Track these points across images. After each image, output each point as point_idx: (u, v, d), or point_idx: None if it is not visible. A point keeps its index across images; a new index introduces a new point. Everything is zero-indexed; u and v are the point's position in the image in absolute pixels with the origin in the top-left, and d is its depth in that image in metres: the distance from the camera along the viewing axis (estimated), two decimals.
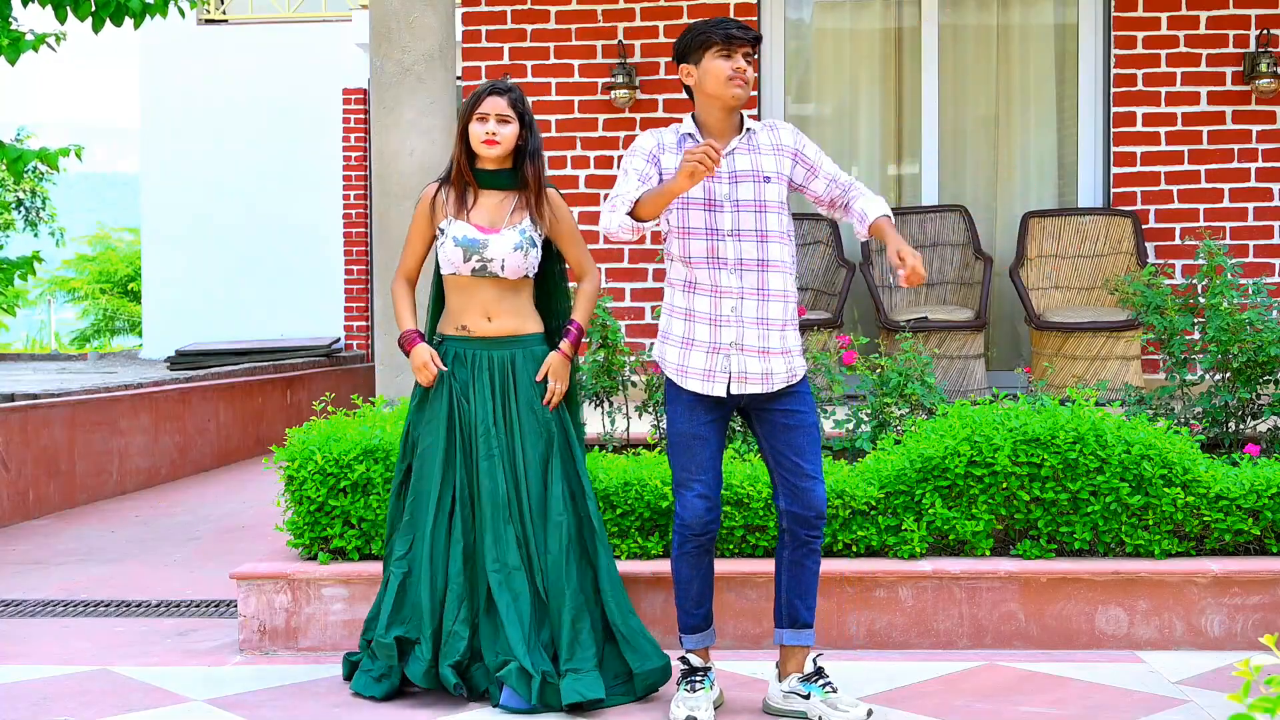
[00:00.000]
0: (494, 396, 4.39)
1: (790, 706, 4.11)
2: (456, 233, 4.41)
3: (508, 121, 4.40)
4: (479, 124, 4.39)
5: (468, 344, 4.44)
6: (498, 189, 4.47)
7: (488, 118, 4.39)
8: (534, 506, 4.34)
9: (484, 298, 4.42)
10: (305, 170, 13.45)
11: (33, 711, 4.27)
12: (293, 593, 4.92)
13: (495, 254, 4.38)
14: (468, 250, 4.38)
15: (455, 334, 4.46)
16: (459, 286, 4.45)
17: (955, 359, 7.28)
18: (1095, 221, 7.85)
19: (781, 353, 4.06)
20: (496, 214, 4.44)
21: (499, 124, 4.39)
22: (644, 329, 7.90)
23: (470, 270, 4.39)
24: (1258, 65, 7.67)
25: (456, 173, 4.47)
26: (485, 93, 4.42)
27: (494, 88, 4.44)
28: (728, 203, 4.04)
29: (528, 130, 4.44)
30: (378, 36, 6.10)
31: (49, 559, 6.68)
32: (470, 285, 4.42)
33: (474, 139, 4.40)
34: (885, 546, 4.95)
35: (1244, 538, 4.95)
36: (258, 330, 13.44)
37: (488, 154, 4.41)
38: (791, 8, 8.29)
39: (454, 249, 4.39)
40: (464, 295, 4.44)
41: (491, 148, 4.39)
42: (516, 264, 4.39)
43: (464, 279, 4.42)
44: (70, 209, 23.26)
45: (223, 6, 13.97)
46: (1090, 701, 4.24)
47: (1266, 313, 5.69)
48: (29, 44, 6.74)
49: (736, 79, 4.02)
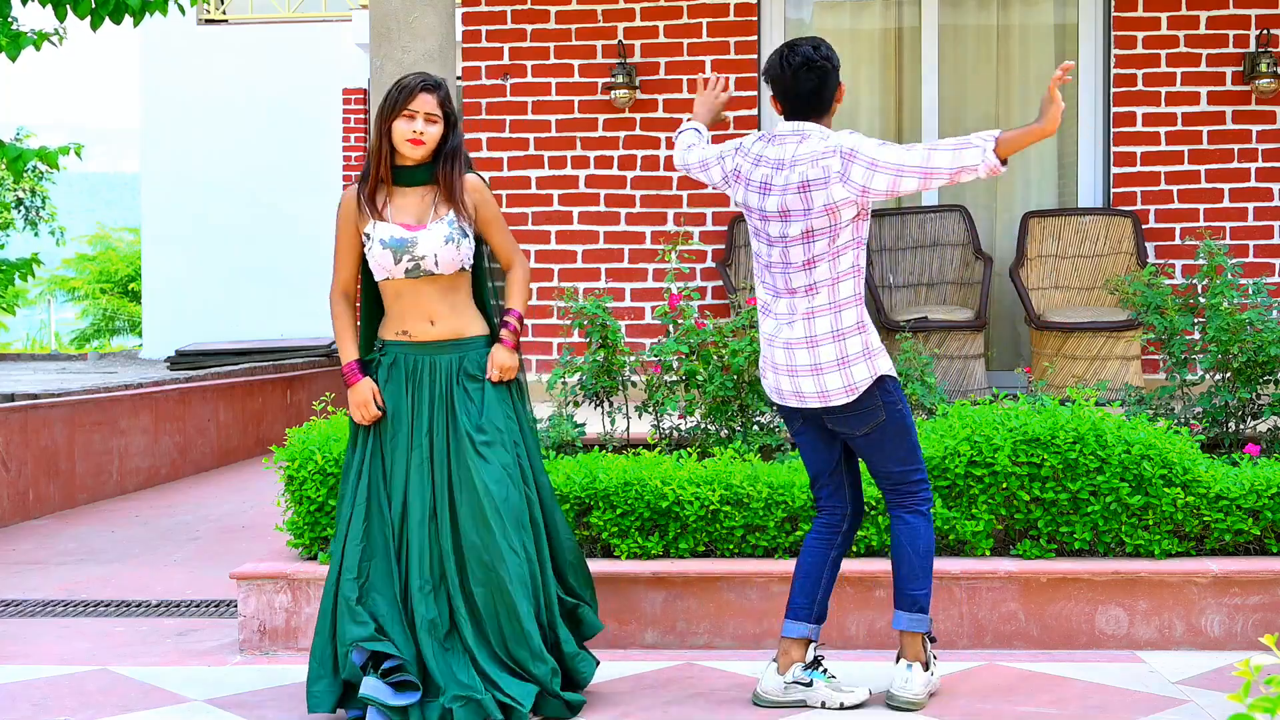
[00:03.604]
0: (432, 404, 4.22)
1: (790, 696, 4.19)
2: (382, 234, 4.21)
3: (435, 121, 4.22)
4: (405, 121, 4.20)
5: (410, 349, 4.26)
6: (418, 185, 4.28)
7: (416, 115, 4.20)
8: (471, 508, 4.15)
9: (423, 300, 4.24)
10: (305, 170, 13.45)
11: (32, 711, 4.27)
12: (293, 593, 4.92)
13: (426, 250, 4.20)
14: (397, 251, 4.19)
15: (396, 339, 4.28)
16: (395, 292, 4.26)
17: (955, 359, 7.27)
18: (1095, 221, 7.85)
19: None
20: (420, 210, 4.26)
21: (427, 123, 4.21)
22: (644, 329, 7.90)
23: (404, 271, 4.21)
24: (1258, 65, 7.66)
25: (375, 172, 4.26)
26: (416, 88, 4.21)
27: (425, 84, 4.24)
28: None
29: (451, 130, 4.27)
30: (378, 36, 6.10)
31: (49, 559, 6.67)
32: (406, 289, 4.24)
33: (398, 136, 4.20)
34: (885, 547, 4.95)
35: (1244, 538, 4.95)
36: (258, 330, 13.44)
37: (411, 154, 4.22)
38: (791, 8, 8.29)
39: (382, 251, 4.20)
40: (401, 300, 4.26)
41: (416, 148, 4.21)
42: (450, 257, 4.21)
43: (399, 283, 4.23)
44: (70, 209, 23.26)
45: (223, 6, 13.96)
46: (1090, 701, 4.24)
47: (1266, 313, 5.69)
48: (29, 41, 6.75)
49: None
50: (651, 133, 8.03)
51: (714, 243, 7.91)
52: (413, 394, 4.25)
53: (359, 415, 4.24)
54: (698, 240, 7.76)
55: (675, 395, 5.65)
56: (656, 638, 4.89)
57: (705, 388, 5.51)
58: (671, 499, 4.88)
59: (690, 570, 4.86)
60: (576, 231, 8.02)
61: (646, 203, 8.02)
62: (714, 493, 4.89)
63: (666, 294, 5.70)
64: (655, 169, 8.02)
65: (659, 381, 5.63)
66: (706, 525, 4.94)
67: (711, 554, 5.00)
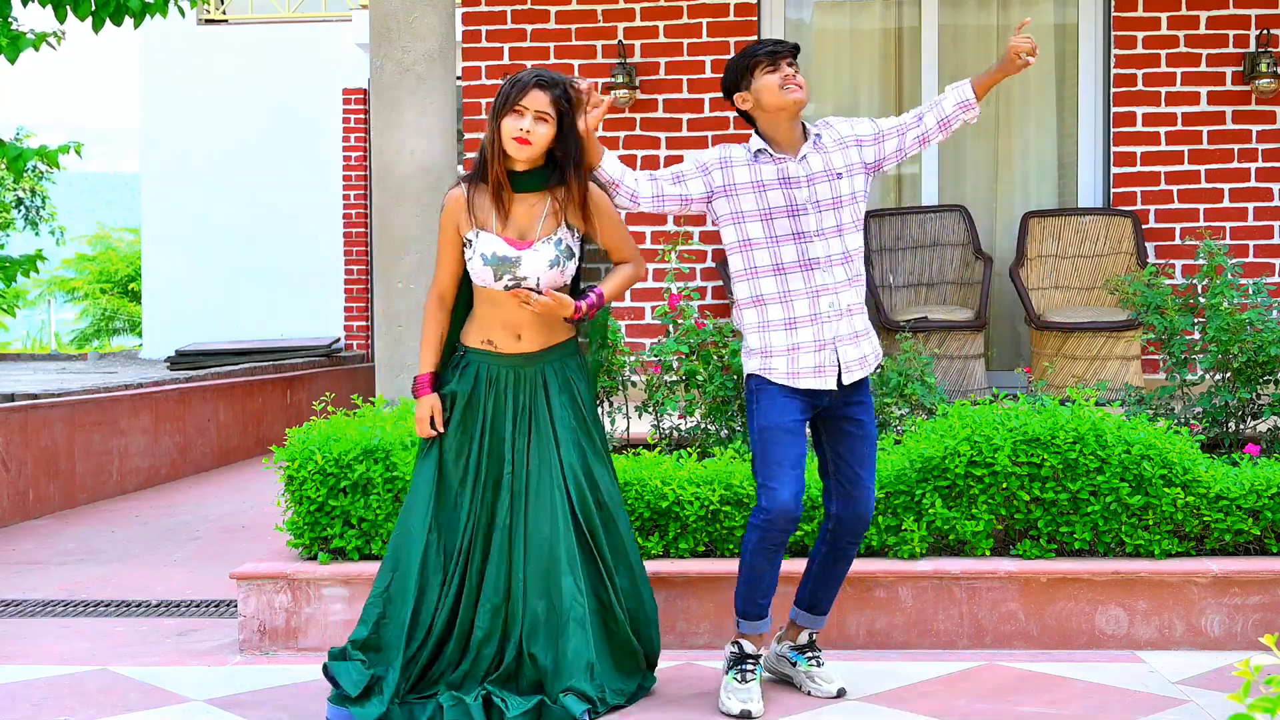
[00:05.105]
0: (515, 417, 4.14)
1: (780, 668, 4.45)
2: (485, 249, 4.04)
3: (545, 120, 3.99)
4: (514, 118, 3.98)
5: (491, 359, 4.15)
6: (528, 192, 4.09)
7: (525, 112, 3.98)
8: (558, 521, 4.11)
9: (516, 315, 4.09)
10: (305, 170, 13.44)
11: (32, 711, 4.27)
12: (293, 593, 4.92)
13: (529, 271, 4.03)
14: (498, 269, 4.04)
15: (479, 347, 4.16)
16: (489, 298, 4.12)
17: (955, 359, 7.27)
18: (1095, 221, 7.85)
19: (866, 334, 4.29)
20: (526, 223, 4.08)
21: (536, 122, 3.98)
22: (644, 329, 7.90)
23: (503, 287, 4.06)
24: (1258, 65, 7.66)
25: (491, 173, 4.04)
26: (530, 84, 3.99)
27: (539, 79, 4.00)
28: (810, 205, 4.18)
29: (565, 133, 4.03)
30: (378, 36, 6.10)
31: (49, 559, 6.67)
32: (502, 299, 4.09)
33: (504, 134, 3.99)
34: (885, 546, 4.95)
35: (1244, 538, 4.95)
36: (258, 330, 13.44)
37: (516, 154, 4.01)
38: (791, 8, 8.29)
39: (483, 268, 4.05)
40: (493, 307, 4.12)
41: (522, 148, 3.99)
42: (553, 281, 4.07)
43: (496, 293, 4.09)
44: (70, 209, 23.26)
45: (223, 6, 13.96)
46: (1090, 701, 4.24)
47: (1266, 313, 5.69)
48: (29, 42, 6.75)
49: (789, 83, 4.17)
50: (651, 133, 8.03)
51: (714, 243, 7.91)
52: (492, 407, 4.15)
53: (418, 429, 4.19)
54: (698, 240, 7.76)
55: (675, 395, 5.65)
56: None
57: (705, 388, 5.51)
58: (671, 499, 4.88)
59: (690, 570, 4.86)
60: None
61: None
62: (714, 493, 4.89)
63: (666, 294, 5.70)
64: (655, 169, 8.01)
65: (659, 381, 5.63)
66: (706, 525, 4.94)
67: (711, 554, 5.00)
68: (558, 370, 4.20)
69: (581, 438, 4.20)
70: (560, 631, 4.05)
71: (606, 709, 4.09)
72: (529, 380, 4.16)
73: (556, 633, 4.06)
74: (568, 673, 4.03)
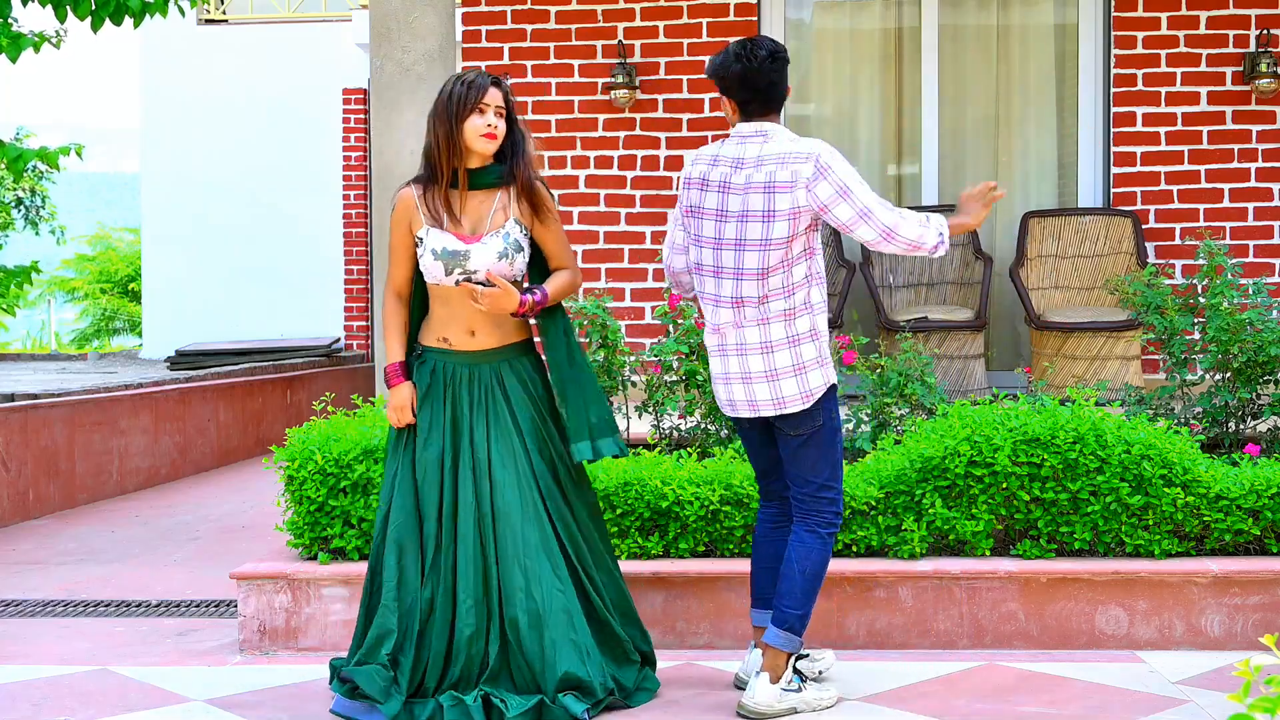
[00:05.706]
0: (474, 412, 4.19)
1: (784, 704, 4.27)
2: (435, 244, 4.15)
3: (501, 115, 4.17)
4: (478, 116, 4.13)
5: (448, 357, 4.23)
6: (479, 188, 4.22)
7: (487, 110, 4.14)
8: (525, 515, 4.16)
9: (469, 311, 4.19)
10: (305, 170, 13.44)
11: (32, 711, 4.27)
12: (293, 593, 4.92)
13: (478, 264, 4.14)
14: (449, 263, 4.14)
15: (436, 345, 4.25)
16: (442, 296, 4.22)
17: (955, 359, 7.28)
18: (1095, 221, 7.85)
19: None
20: (477, 218, 4.20)
21: (497, 117, 4.15)
22: (644, 329, 7.91)
23: (454, 282, 4.16)
24: (1258, 65, 7.66)
25: (446, 171, 4.17)
26: (487, 84, 4.16)
27: (494, 80, 4.19)
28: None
29: (511, 126, 4.22)
30: (378, 36, 6.10)
31: (49, 559, 6.68)
32: (454, 296, 4.19)
33: (471, 133, 4.12)
34: (885, 546, 4.95)
35: (1244, 538, 4.95)
36: (258, 330, 13.44)
37: (485, 149, 4.15)
38: (791, 8, 8.29)
39: (434, 262, 4.15)
40: (447, 306, 4.22)
41: (491, 143, 4.14)
42: (502, 273, 4.16)
43: (448, 289, 4.19)
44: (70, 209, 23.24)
45: (223, 6, 13.96)
46: (1090, 701, 4.24)
47: (1266, 313, 5.69)
48: (29, 42, 6.75)
49: None
50: (651, 133, 8.03)
51: None
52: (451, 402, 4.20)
53: (395, 418, 4.22)
54: None
55: (675, 395, 5.65)
56: (656, 638, 4.87)
57: (705, 388, 5.51)
58: (671, 499, 4.88)
59: (690, 570, 4.86)
60: (577, 231, 8.02)
61: (646, 203, 8.02)
62: (714, 493, 4.89)
63: (666, 294, 5.70)
64: (655, 169, 8.02)
65: (659, 381, 5.63)
66: (706, 525, 4.94)
67: (711, 554, 5.00)
68: (513, 366, 4.26)
69: (541, 429, 4.26)
70: (545, 619, 4.08)
71: (605, 695, 4.10)
72: (486, 377, 4.23)
73: (541, 621, 4.08)
74: (560, 659, 4.05)
